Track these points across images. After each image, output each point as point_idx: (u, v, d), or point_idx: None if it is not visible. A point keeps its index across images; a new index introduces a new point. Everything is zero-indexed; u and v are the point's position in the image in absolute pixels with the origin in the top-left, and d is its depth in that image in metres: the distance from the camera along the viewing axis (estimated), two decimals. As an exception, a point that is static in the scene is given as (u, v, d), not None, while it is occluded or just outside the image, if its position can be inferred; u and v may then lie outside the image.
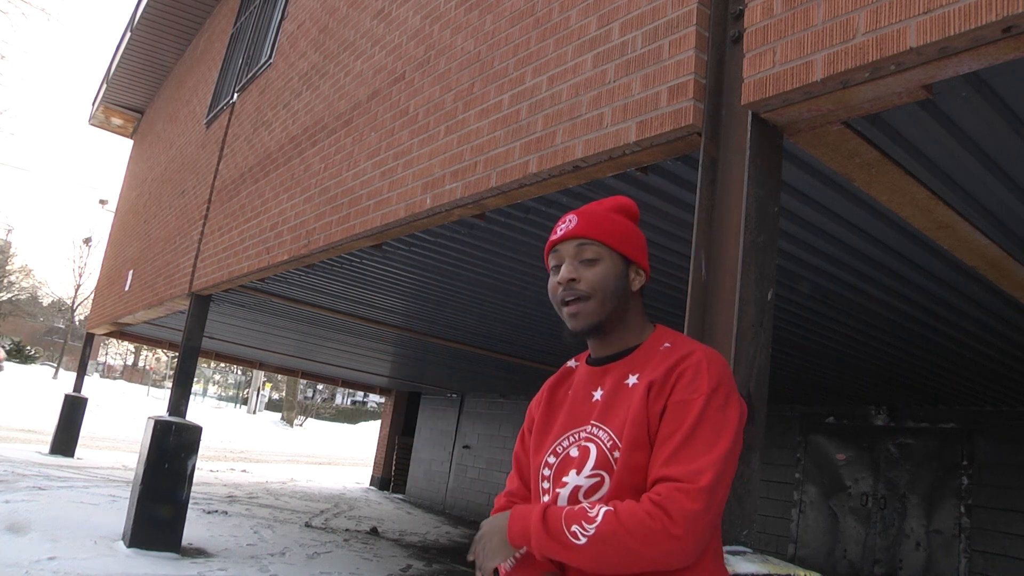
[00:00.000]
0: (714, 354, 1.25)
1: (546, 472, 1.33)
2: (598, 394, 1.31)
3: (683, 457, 1.13)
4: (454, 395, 13.39)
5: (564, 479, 1.27)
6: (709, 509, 1.10)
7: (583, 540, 1.11)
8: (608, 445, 1.23)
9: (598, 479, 1.23)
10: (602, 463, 1.23)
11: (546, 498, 1.31)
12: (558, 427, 1.35)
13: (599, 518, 1.12)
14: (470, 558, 1.29)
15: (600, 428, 1.26)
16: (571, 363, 1.46)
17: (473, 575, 1.34)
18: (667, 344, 1.30)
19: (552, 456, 1.32)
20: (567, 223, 1.36)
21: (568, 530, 1.13)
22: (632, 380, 1.27)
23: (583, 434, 1.29)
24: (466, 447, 12.63)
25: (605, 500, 1.20)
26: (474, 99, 3.10)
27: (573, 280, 1.31)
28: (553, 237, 1.37)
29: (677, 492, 1.10)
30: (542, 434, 1.38)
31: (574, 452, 1.28)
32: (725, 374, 1.22)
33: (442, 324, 6.71)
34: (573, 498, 1.25)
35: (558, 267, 1.35)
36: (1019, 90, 2.04)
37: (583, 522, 1.13)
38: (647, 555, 1.10)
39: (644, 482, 1.18)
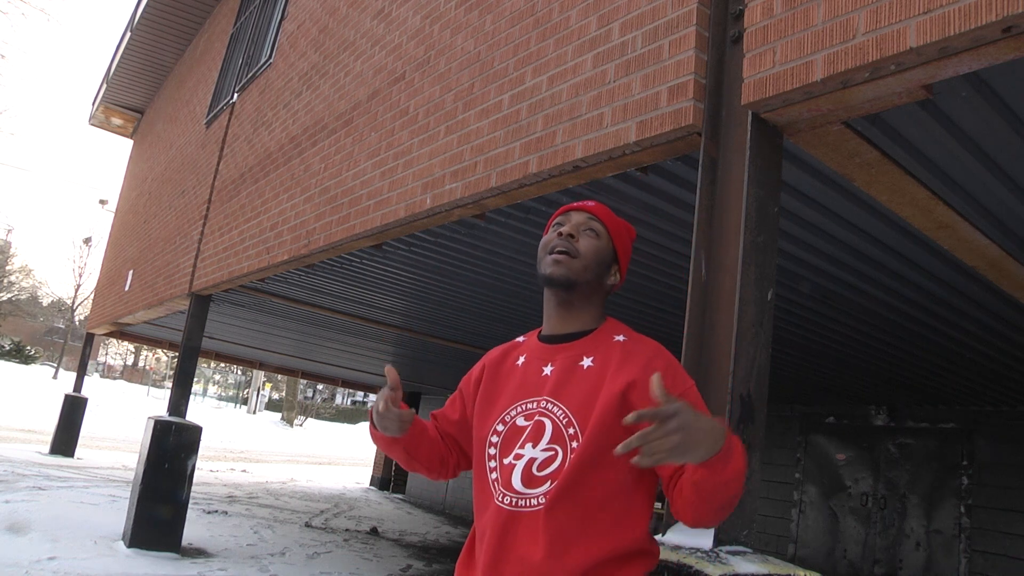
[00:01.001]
0: (670, 353, 1.41)
1: (494, 439, 1.39)
2: (548, 369, 1.40)
3: None
4: (454, 395, 13.37)
5: (519, 451, 1.33)
6: None
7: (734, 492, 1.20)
8: (563, 422, 1.32)
9: (552, 452, 1.31)
10: (557, 438, 1.31)
11: (492, 464, 1.37)
12: (506, 398, 1.42)
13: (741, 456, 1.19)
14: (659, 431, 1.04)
15: (554, 404, 1.34)
16: (519, 339, 1.55)
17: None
18: (621, 337, 1.40)
19: (500, 424, 1.39)
20: (585, 202, 1.53)
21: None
22: (587, 362, 1.37)
23: (534, 407, 1.36)
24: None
25: (561, 473, 1.28)
26: (474, 99, 3.10)
27: (572, 236, 1.44)
28: (571, 204, 1.53)
29: None
30: (488, 404, 1.45)
31: (521, 422, 1.36)
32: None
33: (442, 324, 6.71)
34: (527, 471, 1.31)
35: (560, 226, 1.48)
36: (1019, 90, 2.04)
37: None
38: (727, 511, 1.24)
39: (602, 458, 1.27)
